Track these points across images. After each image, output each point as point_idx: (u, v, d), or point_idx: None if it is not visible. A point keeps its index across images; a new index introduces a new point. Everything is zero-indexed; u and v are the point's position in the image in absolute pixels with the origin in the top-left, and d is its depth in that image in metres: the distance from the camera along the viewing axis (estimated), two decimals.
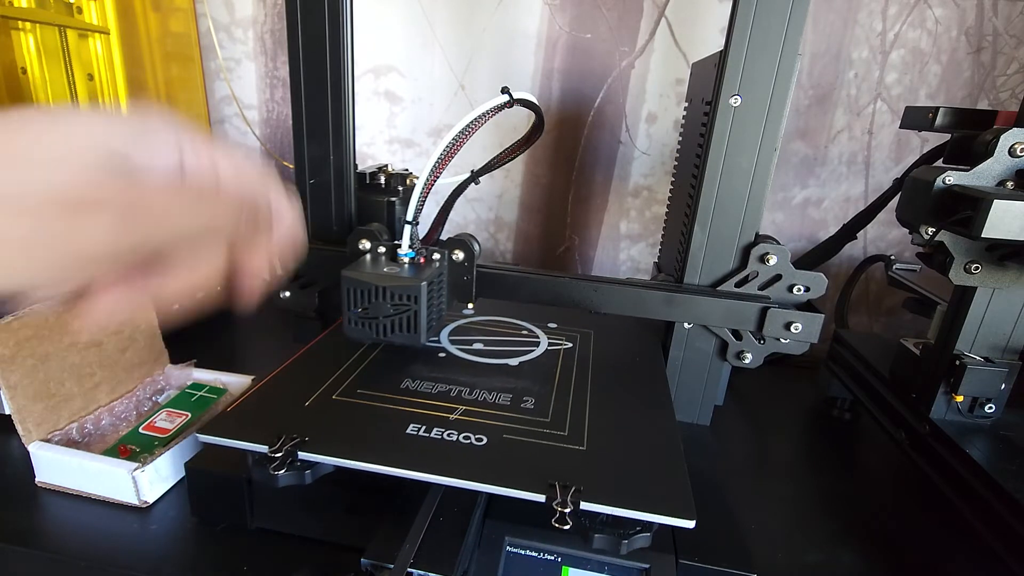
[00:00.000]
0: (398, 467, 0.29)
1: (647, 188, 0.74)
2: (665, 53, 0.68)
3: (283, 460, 0.29)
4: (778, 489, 0.46)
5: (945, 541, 0.41)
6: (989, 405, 0.43)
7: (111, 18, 0.64)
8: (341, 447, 0.30)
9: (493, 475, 0.29)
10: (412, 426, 0.33)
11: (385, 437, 0.32)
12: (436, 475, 0.29)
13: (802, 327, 0.41)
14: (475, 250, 0.42)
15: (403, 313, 0.38)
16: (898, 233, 0.71)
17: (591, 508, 0.27)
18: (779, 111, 0.39)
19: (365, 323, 0.38)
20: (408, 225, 0.41)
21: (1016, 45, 0.63)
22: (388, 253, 0.42)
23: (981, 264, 0.39)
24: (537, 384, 0.39)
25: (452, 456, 0.30)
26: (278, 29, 0.73)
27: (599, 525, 0.28)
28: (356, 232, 0.43)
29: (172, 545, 0.36)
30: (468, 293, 0.43)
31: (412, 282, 0.37)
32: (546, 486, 0.28)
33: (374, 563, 0.28)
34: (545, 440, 0.32)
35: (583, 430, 0.34)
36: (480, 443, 0.32)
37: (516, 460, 0.31)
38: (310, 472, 0.30)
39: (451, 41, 0.70)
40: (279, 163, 0.78)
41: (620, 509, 0.27)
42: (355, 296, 0.38)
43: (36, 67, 0.60)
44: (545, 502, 0.27)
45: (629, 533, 0.28)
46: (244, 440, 0.31)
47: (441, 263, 0.41)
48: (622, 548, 0.28)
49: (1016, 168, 0.36)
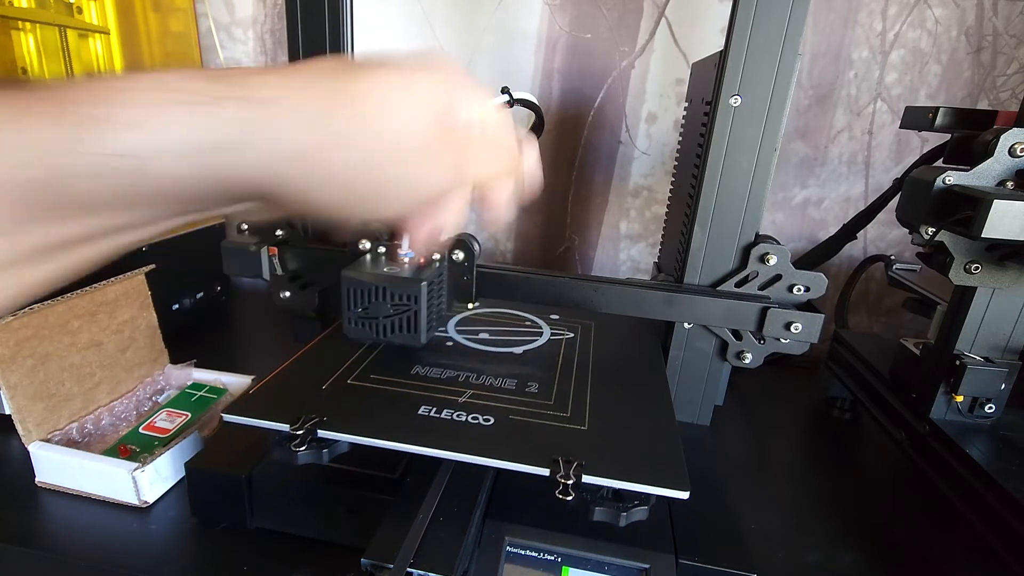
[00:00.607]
0: (411, 444, 0.31)
1: (647, 188, 0.74)
2: (665, 53, 0.67)
3: (303, 438, 0.31)
4: (778, 489, 0.46)
5: (945, 541, 0.41)
6: (989, 405, 0.43)
7: (111, 18, 0.64)
8: (357, 426, 0.32)
9: (500, 451, 0.31)
10: (423, 408, 0.35)
11: (398, 417, 0.34)
12: (447, 451, 0.31)
13: (802, 327, 0.41)
14: (475, 250, 0.42)
15: (403, 313, 0.38)
16: (898, 233, 0.71)
17: (592, 481, 0.29)
18: (779, 111, 0.39)
19: (365, 323, 0.38)
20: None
21: (1016, 45, 0.63)
22: (388, 253, 0.42)
23: (981, 264, 0.39)
24: (540, 370, 0.41)
25: (461, 434, 0.32)
26: (278, 29, 0.73)
27: (599, 499, 0.30)
28: (356, 232, 0.43)
29: (172, 545, 0.36)
30: (468, 293, 0.43)
31: (412, 282, 0.37)
32: (550, 461, 0.29)
33: (374, 563, 0.28)
34: (549, 421, 0.34)
35: (584, 411, 0.36)
36: (488, 423, 0.33)
37: (522, 438, 0.32)
38: (327, 451, 0.32)
39: (451, 41, 0.70)
40: None
41: (619, 482, 0.29)
42: (355, 296, 0.38)
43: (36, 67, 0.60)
44: (549, 475, 0.29)
45: (628, 506, 0.30)
46: (267, 419, 0.32)
47: (441, 263, 0.41)
48: (621, 520, 0.30)
49: (1016, 168, 0.36)
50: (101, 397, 0.45)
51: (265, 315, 0.75)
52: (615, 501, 0.30)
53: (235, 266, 0.46)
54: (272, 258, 0.46)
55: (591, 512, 0.30)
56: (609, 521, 0.30)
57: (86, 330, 0.44)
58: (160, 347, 0.51)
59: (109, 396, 0.46)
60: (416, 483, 0.34)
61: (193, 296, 0.66)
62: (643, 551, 0.32)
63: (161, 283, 0.52)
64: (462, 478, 0.34)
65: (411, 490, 0.33)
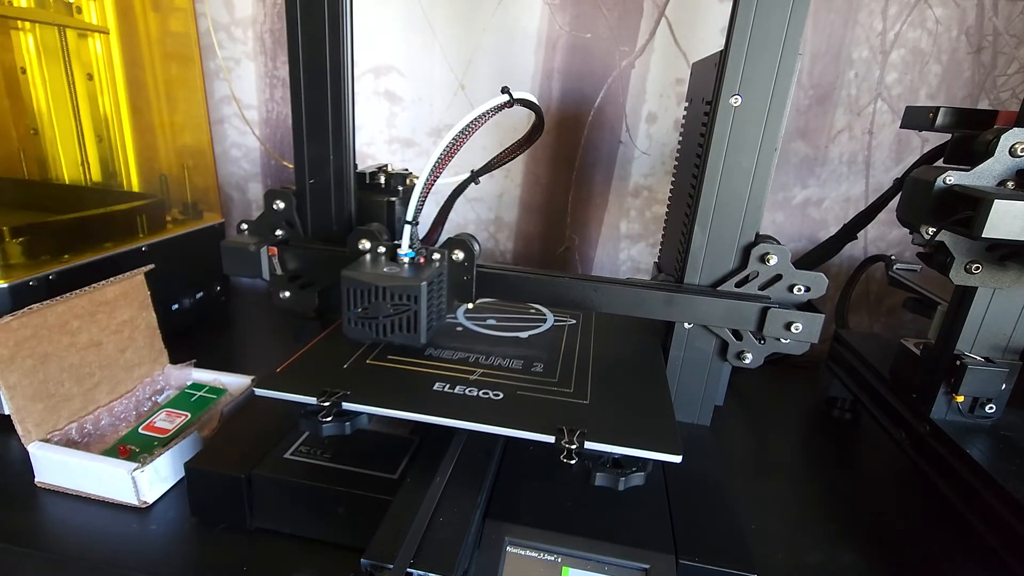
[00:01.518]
0: (428, 414, 0.33)
1: (647, 188, 0.74)
2: (665, 53, 0.67)
3: (329, 410, 0.33)
4: (778, 489, 0.46)
5: (945, 541, 0.41)
6: (990, 405, 0.43)
7: (111, 18, 0.64)
8: (378, 399, 0.35)
9: (509, 421, 0.33)
10: (438, 384, 0.37)
11: (415, 392, 0.36)
12: (461, 421, 0.33)
13: (802, 327, 0.41)
14: (475, 250, 0.42)
15: (403, 313, 0.38)
16: (898, 233, 0.71)
17: (593, 447, 0.31)
18: (779, 111, 0.39)
19: (364, 323, 0.38)
20: (408, 225, 0.40)
21: (1016, 45, 0.63)
22: (388, 253, 0.42)
23: (981, 264, 0.39)
24: (545, 352, 0.44)
25: (473, 407, 0.35)
26: (278, 29, 0.73)
27: (600, 466, 0.33)
28: (356, 232, 0.43)
29: (172, 545, 0.36)
30: (468, 293, 0.43)
31: (412, 282, 0.37)
32: (555, 430, 0.32)
33: (374, 563, 0.28)
34: (553, 396, 0.37)
35: (586, 388, 0.38)
36: (497, 397, 0.36)
37: (529, 411, 0.35)
38: (349, 423, 0.34)
39: (451, 41, 0.70)
40: (278, 163, 0.78)
41: (618, 447, 0.32)
42: (355, 296, 0.38)
43: (36, 67, 0.60)
44: (555, 442, 0.31)
45: (626, 472, 0.32)
46: (295, 393, 0.35)
47: (441, 263, 0.41)
48: (620, 484, 0.32)
49: (1016, 168, 0.36)
50: (100, 397, 0.45)
51: (265, 315, 0.75)
52: (615, 468, 0.33)
53: (235, 266, 0.46)
54: (272, 258, 0.46)
55: (592, 477, 0.32)
56: (609, 486, 0.32)
57: (85, 330, 0.44)
58: (160, 347, 0.51)
59: (108, 396, 0.46)
60: (416, 483, 0.34)
61: (193, 296, 0.66)
62: (643, 551, 0.32)
63: (161, 283, 0.52)
64: (462, 476, 0.34)
65: (411, 490, 0.33)
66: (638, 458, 0.32)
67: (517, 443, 0.41)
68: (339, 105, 0.44)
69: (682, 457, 0.31)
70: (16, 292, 0.45)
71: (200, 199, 0.71)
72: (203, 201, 0.72)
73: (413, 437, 0.41)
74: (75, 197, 0.64)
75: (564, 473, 0.38)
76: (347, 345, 0.42)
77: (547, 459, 0.39)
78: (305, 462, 0.37)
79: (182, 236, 0.64)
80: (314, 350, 0.41)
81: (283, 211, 0.47)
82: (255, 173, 0.80)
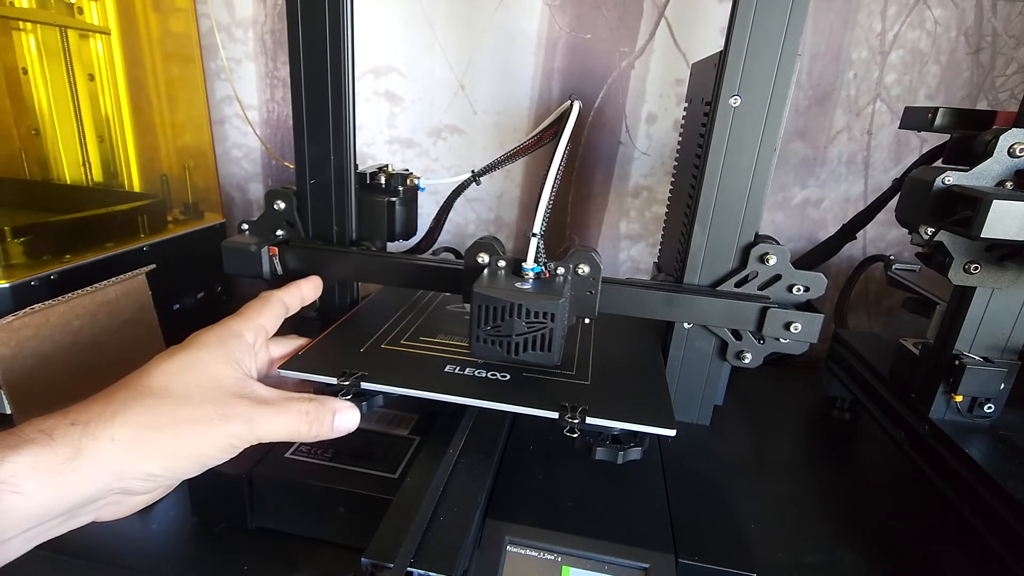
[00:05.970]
0: (441, 393, 0.35)
1: (647, 188, 0.74)
2: (665, 53, 0.68)
3: (349, 389, 0.36)
4: (778, 489, 0.46)
5: (945, 541, 0.41)
6: (988, 405, 0.43)
7: (112, 18, 0.64)
8: (394, 379, 0.37)
9: (516, 399, 0.35)
10: (448, 367, 0.39)
11: (428, 373, 0.38)
12: (471, 399, 0.35)
13: (802, 327, 0.41)
14: (599, 264, 0.40)
15: (538, 331, 0.36)
16: (898, 233, 0.71)
17: (594, 422, 0.34)
18: (779, 111, 0.39)
19: (495, 341, 0.36)
20: (535, 238, 0.38)
21: (1015, 45, 0.63)
22: (510, 267, 0.40)
23: (980, 264, 0.39)
24: None
25: (482, 386, 0.37)
26: (278, 29, 0.73)
27: (601, 442, 0.35)
28: (474, 245, 0.40)
29: (172, 545, 0.36)
30: (591, 308, 0.41)
31: (550, 299, 0.35)
32: (559, 407, 0.34)
33: (374, 563, 0.28)
34: (557, 377, 0.39)
35: (588, 370, 0.40)
36: (505, 379, 0.38)
37: (535, 390, 0.37)
38: (366, 404, 0.36)
39: (451, 41, 0.70)
40: (279, 163, 0.79)
41: (617, 422, 0.34)
42: (487, 314, 0.36)
43: (37, 67, 0.61)
44: (558, 418, 0.33)
45: (625, 447, 0.35)
46: (317, 373, 0.37)
47: (566, 277, 0.39)
48: (619, 458, 0.35)
49: (1015, 168, 0.36)
50: None
51: None
52: (614, 443, 0.35)
53: (236, 266, 0.46)
54: (272, 258, 0.46)
55: (593, 452, 0.35)
56: (609, 460, 0.35)
57: (87, 330, 0.44)
58: (161, 347, 0.51)
59: None
60: (416, 482, 0.34)
61: (194, 296, 0.66)
62: (643, 551, 0.32)
63: (162, 283, 0.52)
64: (463, 475, 0.35)
65: (411, 489, 0.33)
66: (636, 433, 0.35)
67: (518, 441, 0.41)
68: (339, 105, 0.44)
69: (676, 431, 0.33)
70: (18, 292, 0.45)
71: (201, 199, 0.71)
72: (204, 201, 0.72)
73: (413, 437, 0.41)
74: (76, 197, 0.64)
75: (564, 472, 0.38)
76: (362, 332, 0.44)
77: (547, 459, 0.39)
78: (305, 461, 0.37)
79: (183, 236, 0.64)
80: (331, 336, 0.43)
81: (284, 211, 0.47)
82: (256, 173, 0.81)
